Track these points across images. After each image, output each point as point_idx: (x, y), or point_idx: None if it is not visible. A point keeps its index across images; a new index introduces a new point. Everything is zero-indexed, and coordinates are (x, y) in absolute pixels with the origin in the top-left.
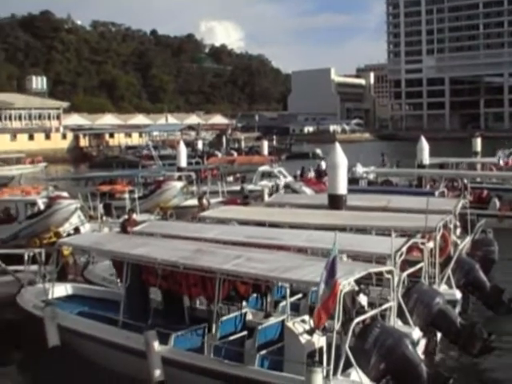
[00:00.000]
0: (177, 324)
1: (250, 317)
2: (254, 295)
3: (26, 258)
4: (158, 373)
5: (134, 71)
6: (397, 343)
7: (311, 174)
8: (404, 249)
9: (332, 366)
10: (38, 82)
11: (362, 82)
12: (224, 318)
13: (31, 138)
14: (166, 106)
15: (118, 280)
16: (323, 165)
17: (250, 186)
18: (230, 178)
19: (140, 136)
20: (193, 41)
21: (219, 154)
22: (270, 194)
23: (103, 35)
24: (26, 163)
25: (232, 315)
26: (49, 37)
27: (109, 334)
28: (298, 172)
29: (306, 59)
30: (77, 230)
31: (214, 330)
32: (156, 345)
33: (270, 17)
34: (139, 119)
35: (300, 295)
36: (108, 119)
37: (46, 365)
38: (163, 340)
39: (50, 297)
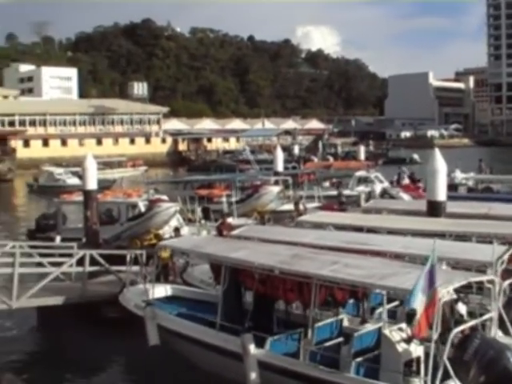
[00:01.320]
0: (273, 328)
1: (346, 323)
2: (351, 301)
3: (128, 258)
4: (253, 376)
5: (232, 76)
6: (498, 355)
7: (406, 180)
8: (506, 257)
9: (430, 377)
10: (139, 88)
11: (461, 86)
12: (320, 323)
13: (132, 142)
14: (262, 111)
15: (216, 283)
16: (406, 170)
17: (347, 192)
18: (327, 183)
19: (237, 140)
20: (289, 46)
21: (315, 159)
22: (367, 200)
23: (202, 41)
24: (128, 167)
25: (328, 321)
26: (150, 44)
27: (207, 336)
28: (395, 177)
29: (404, 63)
30: (177, 231)
31: (310, 335)
32: (252, 348)
33: (368, 21)
34: (236, 124)
35: (397, 302)
36: (206, 124)
37: (147, 363)
38: (259, 343)
39: (150, 297)
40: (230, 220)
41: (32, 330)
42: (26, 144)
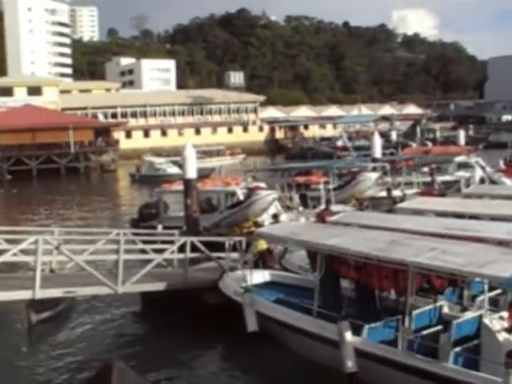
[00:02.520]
0: (369, 315)
1: (445, 310)
2: (450, 288)
3: (227, 245)
4: (350, 364)
5: (327, 63)
6: None
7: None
8: None
9: None
10: (236, 77)
11: None
12: (418, 310)
13: (230, 131)
14: (359, 97)
15: (312, 269)
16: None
17: (446, 177)
18: (425, 169)
19: (334, 127)
20: (385, 30)
21: (414, 145)
22: (467, 186)
23: (297, 29)
24: (226, 155)
25: (427, 308)
26: (245, 33)
27: (304, 323)
28: (501, 162)
29: (504, 45)
30: (276, 218)
31: (407, 322)
32: (349, 335)
33: (466, 2)
34: (333, 111)
35: (500, 290)
36: (302, 111)
37: (245, 348)
38: (356, 331)
39: (248, 283)
40: (331, 207)
41: (136, 315)
42: (128, 135)
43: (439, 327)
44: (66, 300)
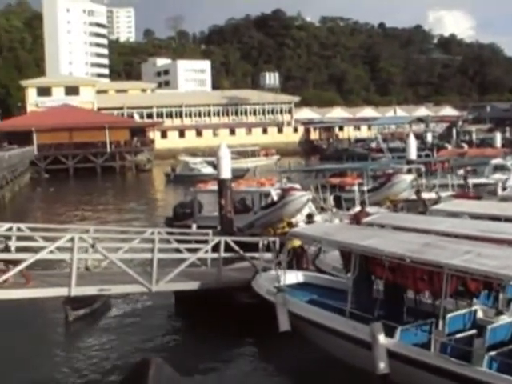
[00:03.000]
0: (402, 317)
1: (480, 314)
2: (485, 291)
3: (260, 245)
4: (382, 365)
5: (362, 64)
6: None
7: None
8: None
9: None
10: (271, 78)
11: None
12: (452, 314)
13: (265, 131)
14: (394, 99)
15: (346, 270)
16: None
17: (482, 180)
18: (461, 171)
19: (369, 129)
20: (421, 32)
21: (449, 147)
22: (504, 188)
23: (332, 30)
24: (261, 156)
25: (461, 311)
26: (280, 34)
27: (336, 323)
28: None
29: None
30: (310, 218)
31: (441, 326)
32: (382, 337)
33: (504, 3)
34: (367, 112)
35: None
36: (337, 112)
37: (277, 348)
38: (389, 333)
39: (282, 283)
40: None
41: (169, 314)
42: (164, 135)
43: (473, 331)
44: (101, 298)
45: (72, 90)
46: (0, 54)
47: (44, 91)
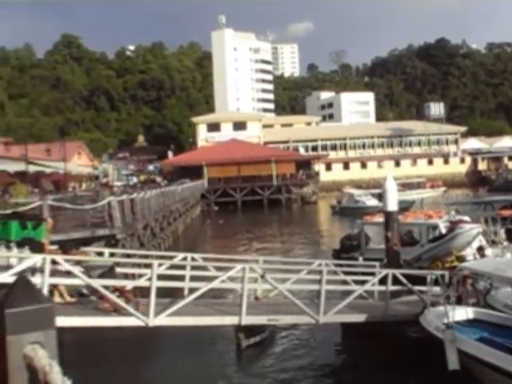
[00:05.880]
0: None
1: None
2: None
3: (428, 279)
4: None
5: None
6: None
7: None
8: None
9: None
10: (436, 108)
11: None
12: None
13: (430, 162)
14: None
15: None
16: None
17: None
18: None
19: None
20: None
21: None
22: None
23: (499, 57)
24: (427, 188)
25: None
26: (445, 63)
27: (509, 364)
28: None
29: None
30: (481, 251)
31: None
32: None
33: None
34: None
35: None
36: (506, 142)
37: None
38: None
39: (450, 320)
40: None
41: (335, 345)
42: (328, 167)
43: None
44: (269, 327)
45: (240, 125)
46: (173, 93)
47: (213, 127)
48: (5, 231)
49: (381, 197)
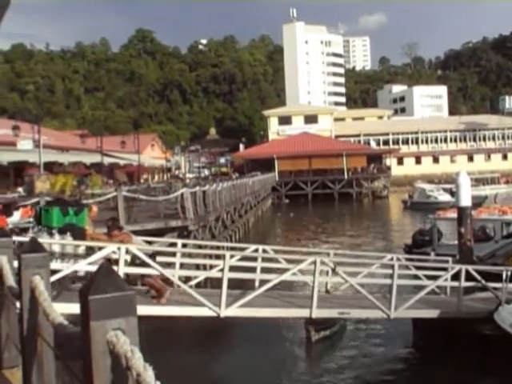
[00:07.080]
0: None
1: None
2: None
3: (504, 276)
4: None
5: None
6: None
7: None
8: None
9: None
10: (511, 102)
11: None
12: None
13: (505, 157)
14: None
15: None
16: None
17: None
18: None
19: None
20: None
21: None
22: None
23: None
24: (501, 183)
25: None
26: None
27: None
28: None
29: None
30: None
31: None
32: None
33: None
34: None
35: None
36: None
37: None
38: None
39: None
40: None
41: (406, 341)
42: (400, 162)
43: None
44: (339, 320)
45: (311, 119)
46: (245, 86)
47: (285, 120)
48: (48, 218)
49: (453, 192)
